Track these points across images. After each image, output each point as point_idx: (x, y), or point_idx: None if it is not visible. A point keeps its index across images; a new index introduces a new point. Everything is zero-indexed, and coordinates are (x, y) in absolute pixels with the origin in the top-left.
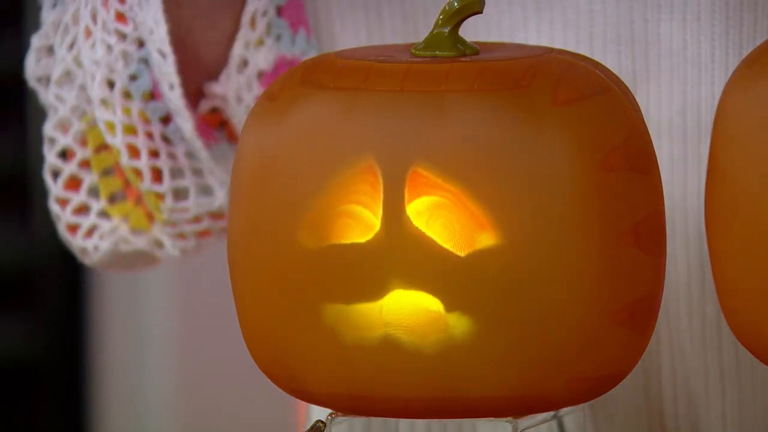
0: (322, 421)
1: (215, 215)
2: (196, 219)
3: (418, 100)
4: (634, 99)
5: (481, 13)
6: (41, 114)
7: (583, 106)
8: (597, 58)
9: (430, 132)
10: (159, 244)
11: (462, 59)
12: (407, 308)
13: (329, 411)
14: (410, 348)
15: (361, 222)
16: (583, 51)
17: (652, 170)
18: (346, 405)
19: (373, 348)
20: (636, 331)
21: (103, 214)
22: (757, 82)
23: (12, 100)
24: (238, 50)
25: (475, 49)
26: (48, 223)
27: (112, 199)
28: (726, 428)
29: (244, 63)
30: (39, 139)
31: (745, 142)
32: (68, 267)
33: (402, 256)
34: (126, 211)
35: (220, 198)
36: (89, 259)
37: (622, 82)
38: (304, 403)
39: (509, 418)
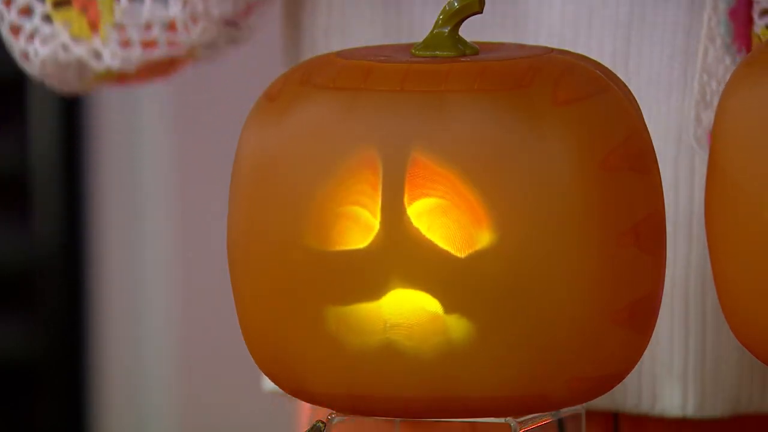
0: (322, 421)
1: (166, 26)
2: (147, 26)
3: (418, 100)
4: (634, 99)
5: (481, 12)
6: (41, 114)
7: (583, 106)
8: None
9: (430, 132)
10: (97, 55)
11: (462, 59)
12: (407, 308)
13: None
14: (410, 349)
15: (362, 223)
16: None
17: (652, 170)
18: (346, 405)
19: (373, 348)
20: (636, 331)
21: (47, 18)
22: (757, 83)
23: (12, 100)
24: None
25: (475, 49)
26: (48, 223)
27: (58, 4)
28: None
29: None
30: (39, 139)
31: (745, 142)
32: (68, 267)
33: (402, 257)
34: (69, 18)
35: (174, 9)
36: (30, 65)
37: (622, 82)
38: (304, 403)
39: (509, 418)
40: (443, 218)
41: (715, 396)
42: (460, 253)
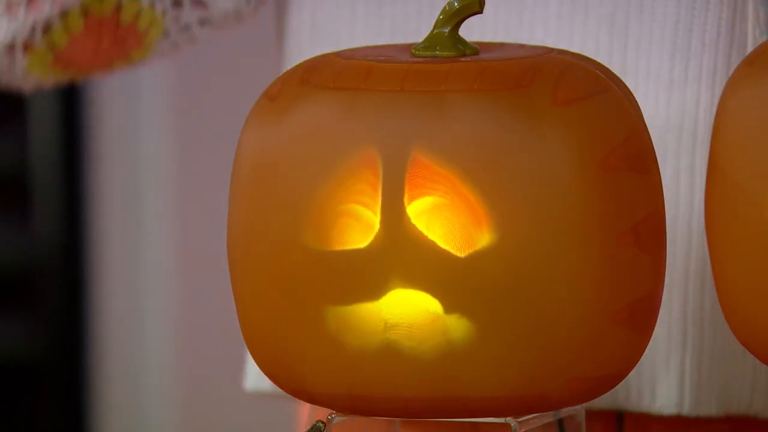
0: (322, 421)
1: None
2: None
3: (418, 100)
4: (634, 99)
5: (481, 12)
6: (41, 114)
7: (583, 106)
8: (589, 43)
9: (430, 132)
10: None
11: (462, 59)
12: (407, 308)
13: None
14: (410, 349)
15: (362, 223)
16: (577, 37)
17: (652, 170)
18: (346, 405)
19: (373, 348)
20: (636, 331)
21: None
22: (757, 82)
23: (12, 100)
24: None
25: (475, 49)
26: (48, 223)
27: None
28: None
29: None
30: (39, 139)
31: (745, 142)
32: (68, 267)
33: (402, 257)
34: None
35: None
36: None
37: (623, 82)
38: (304, 403)
39: (509, 418)
40: (443, 218)
41: (711, 395)
42: (460, 253)
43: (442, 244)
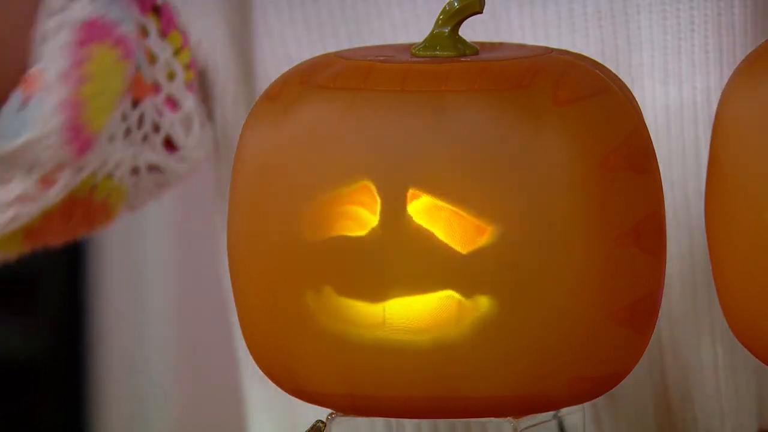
0: (322, 421)
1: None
2: None
3: (418, 100)
4: (634, 99)
5: (481, 12)
6: None
7: (583, 106)
8: (578, 33)
9: (431, 132)
10: None
11: (462, 59)
12: (407, 307)
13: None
14: (410, 348)
15: (362, 222)
16: (565, 26)
17: (652, 170)
18: (346, 405)
19: (373, 348)
20: (636, 331)
21: None
22: (757, 82)
23: None
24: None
25: (475, 49)
26: None
27: None
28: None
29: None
30: None
31: (746, 142)
32: (68, 267)
33: (402, 256)
34: None
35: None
36: None
37: (623, 82)
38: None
39: (509, 418)
40: (443, 218)
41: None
42: (461, 252)
43: (442, 244)
